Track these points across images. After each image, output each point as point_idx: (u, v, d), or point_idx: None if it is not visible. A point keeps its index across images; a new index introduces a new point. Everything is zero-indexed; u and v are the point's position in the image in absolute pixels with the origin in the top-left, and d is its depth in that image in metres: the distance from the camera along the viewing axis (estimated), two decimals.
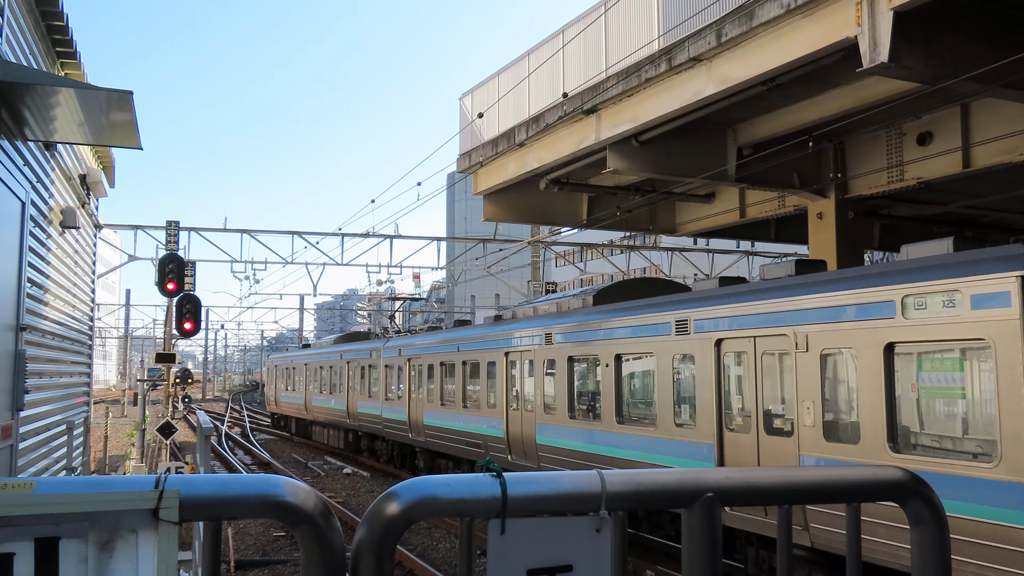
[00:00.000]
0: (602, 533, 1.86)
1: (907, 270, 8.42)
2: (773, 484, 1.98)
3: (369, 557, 1.72)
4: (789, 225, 21.32)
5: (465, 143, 19.99)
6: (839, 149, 16.39)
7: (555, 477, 1.87)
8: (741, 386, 10.73)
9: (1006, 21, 10.59)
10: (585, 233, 34.61)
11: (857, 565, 2.05)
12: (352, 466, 28.62)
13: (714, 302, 11.21)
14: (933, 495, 2.06)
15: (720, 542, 1.92)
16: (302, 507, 1.71)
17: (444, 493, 1.78)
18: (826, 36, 10.55)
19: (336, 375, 30.58)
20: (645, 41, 13.64)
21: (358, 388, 27.84)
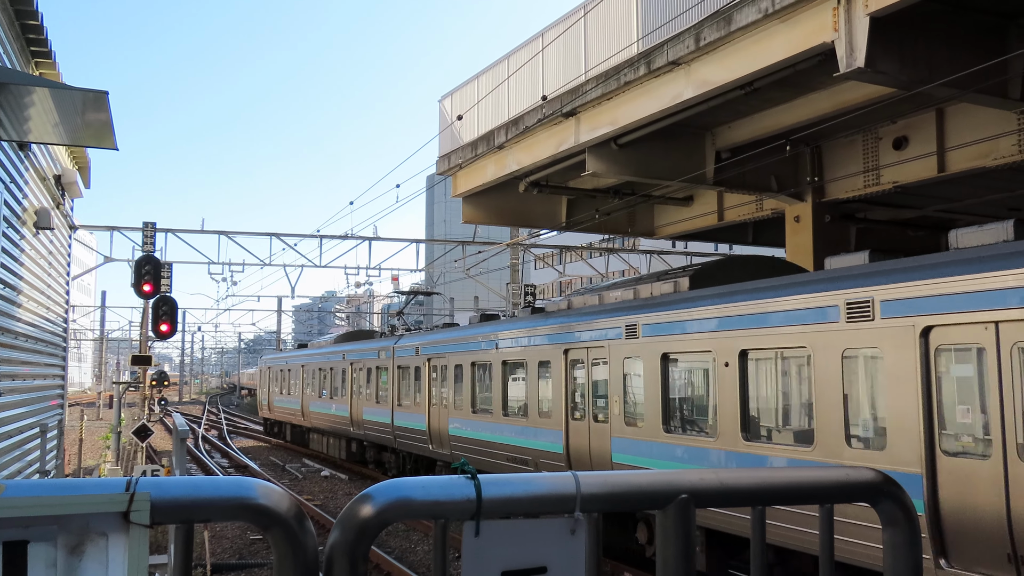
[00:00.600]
0: (577, 535, 1.86)
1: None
2: (747, 486, 1.99)
3: (343, 560, 1.71)
4: (767, 228, 21.45)
5: (444, 145, 19.97)
6: (816, 153, 16.51)
7: (530, 479, 1.87)
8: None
9: (980, 27, 10.71)
10: (564, 236, 34.66)
11: (830, 565, 2.06)
12: (330, 468, 28.50)
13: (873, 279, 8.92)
14: (905, 496, 2.08)
15: (694, 543, 1.92)
16: (275, 510, 1.69)
17: (419, 495, 1.78)
18: (803, 41, 10.62)
19: (338, 378, 27.94)
20: (624, 44, 13.68)
21: (363, 392, 25.28)
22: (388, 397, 22.77)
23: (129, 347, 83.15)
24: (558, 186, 18.52)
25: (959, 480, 7.70)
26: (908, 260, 8.84)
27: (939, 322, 7.92)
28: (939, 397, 8.06)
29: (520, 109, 16.65)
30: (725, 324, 10.59)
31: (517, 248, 33.72)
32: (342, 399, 27.18)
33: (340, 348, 28.41)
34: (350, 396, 26.31)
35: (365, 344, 26.06)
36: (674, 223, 21.38)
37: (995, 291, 7.48)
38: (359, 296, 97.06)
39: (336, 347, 29.22)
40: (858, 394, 8.94)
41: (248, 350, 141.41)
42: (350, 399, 26.31)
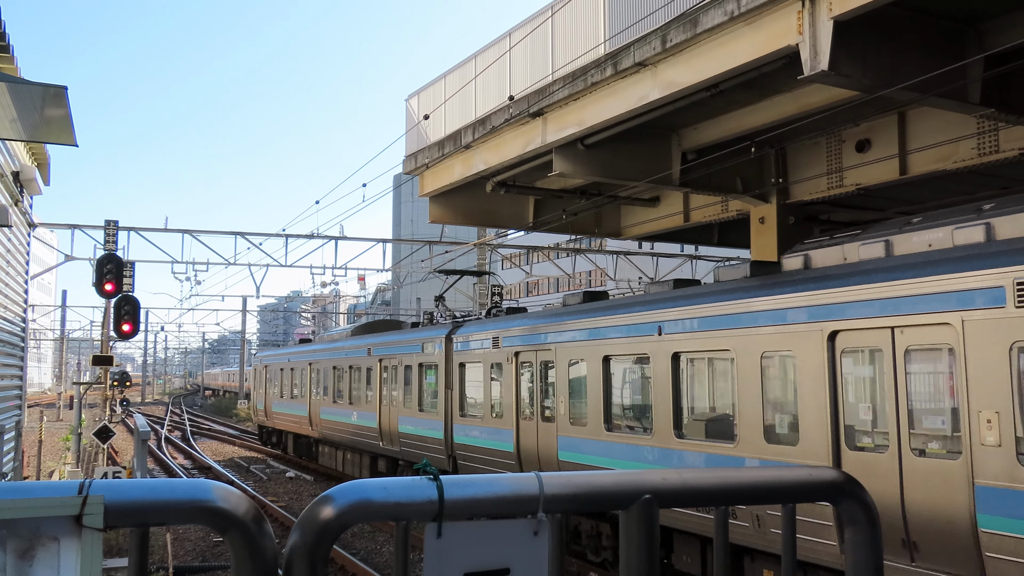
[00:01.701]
0: (540, 536, 1.85)
1: None
2: (710, 486, 1.99)
3: (302, 562, 1.69)
4: (732, 229, 21.61)
5: (411, 144, 19.90)
6: (781, 155, 16.66)
7: (492, 480, 1.86)
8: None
9: (940, 32, 10.86)
10: (531, 236, 34.71)
11: (792, 564, 2.07)
12: (295, 470, 28.29)
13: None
14: (866, 495, 2.09)
15: (657, 543, 1.92)
16: (232, 512, 1.66)
17: (380, 497, 1.76)
18: (768, 44, 10.70)
19: (360, 379, 22.61)
20: (591, 45, 13.71)
21: (399, 397, 19.80)
22: (440, 404, 17.38)
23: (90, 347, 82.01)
24: (525, 186, 18.52)
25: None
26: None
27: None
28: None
29: (487, 109, 16.63)
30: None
31: (484, 248, 33.71)
32: (367, 405, 21.70)
33: (364, 341, 22.81)
34: (378, 402, 20.90)
35: (400, 335, 20.44)
36: (640, 224, 21.46)
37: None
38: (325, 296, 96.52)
39: (357, 340, 23.48)
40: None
41: (212, 350, 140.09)
42: (378, 405, 20.89)
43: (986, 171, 14.34)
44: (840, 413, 8.83)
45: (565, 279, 61.47)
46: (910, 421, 8.12)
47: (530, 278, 63.13)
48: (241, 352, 79.16)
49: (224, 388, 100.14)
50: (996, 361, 7.38)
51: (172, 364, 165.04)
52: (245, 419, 58.81)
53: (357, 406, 22.51)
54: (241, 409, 63.46)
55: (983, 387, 7.55)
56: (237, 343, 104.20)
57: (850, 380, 8.82)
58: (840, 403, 8.83)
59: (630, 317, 12.03)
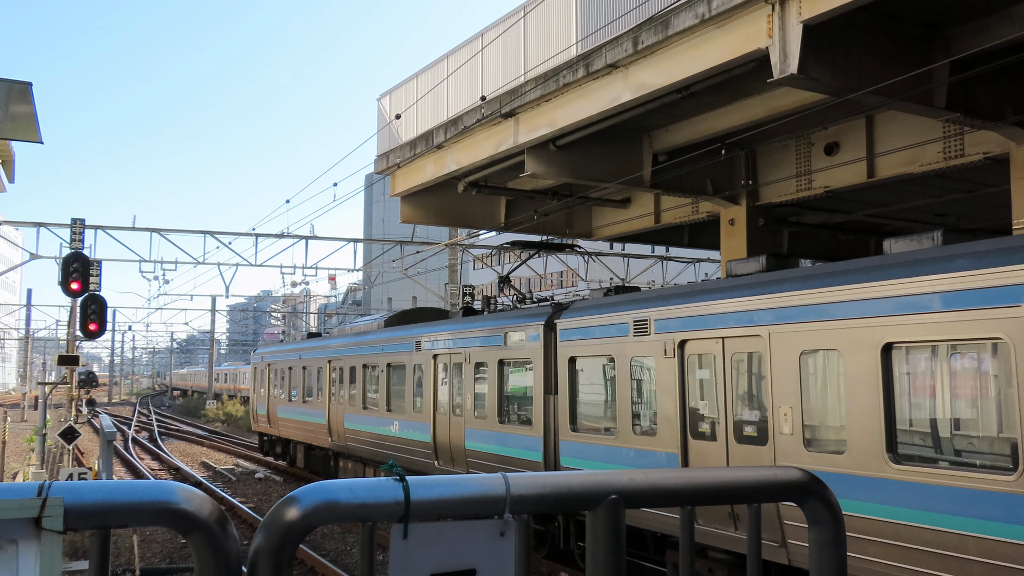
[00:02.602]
0: (506, 536, 1.85)
1: None
2: (676, 486, 1.99)
3: (266, 564, 1.67)
4: (702, 231, 21.74)
5: (383, 144, 19.83)
6: (750, 157, 16.78)
7: (459, 480, 1.85)
8: None
9: (908, 37, 10.99)
10: (503, 236, 34.70)
11: (757, 564, 2.08)
12: (264, 470, 28.09)
13: None
14: (830, 495, 2.11)
15: (623, 543, 1.92)
16: (196, 514, 1.65)
17: (345, 498, 1.75)
18: (739, 47, 10.78)
19: (405, 379, 18.07)
20: (563, 46, 13.73)
21: (469, 404, 15.47)
22: (537, 414, 13.47)
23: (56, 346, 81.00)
24: (497, 187, 18.52)
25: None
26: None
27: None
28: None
29: (459, 109, 16.61)
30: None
31: (456, 248, 33.66)
32: (415, 413, 17.38)
33: (408, 333, 18.15)
34: (432, 409, 16.70)
35: (466, 324, 15.85)
36: (611, 224, 21.54)
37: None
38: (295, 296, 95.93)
39: (397, 332, 18.88)
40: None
41: (181, 350, 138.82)
42: (432, 414, 16.70)
43: (951, 175, 14.54)
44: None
45: (537, 279, 61.52)
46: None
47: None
48: (210, 352, 78.49)
49: (192, 388, 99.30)
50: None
51: (140, 364, 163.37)
52: (213, 420, 58.33)
53: (399, 414, 17.99)
54: (209, 410, 62.92)
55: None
56: (206, 343, 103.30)
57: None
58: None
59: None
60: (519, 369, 14.27)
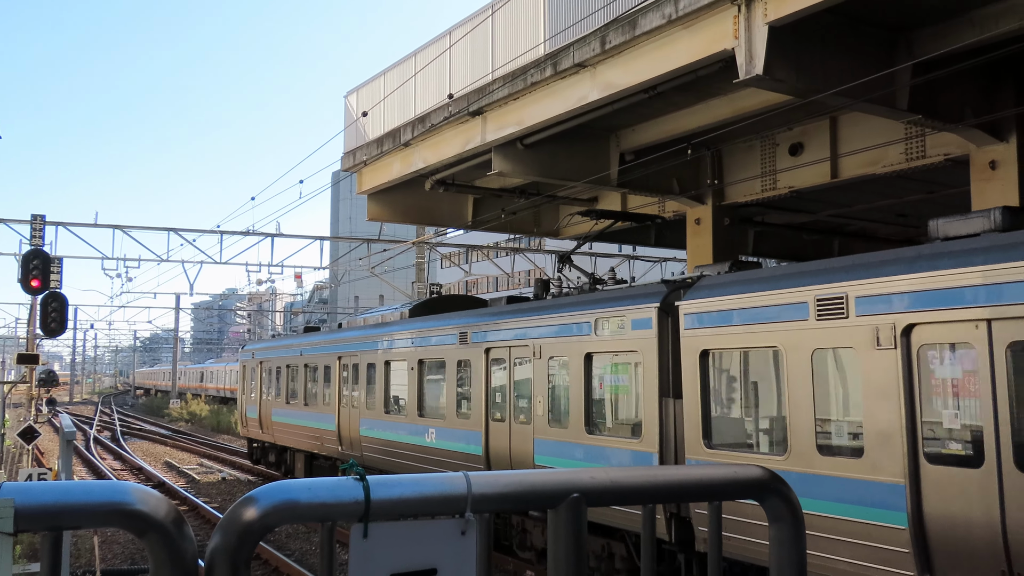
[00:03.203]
0: (467, 535, 1.84)
1: None
2: (638, 484, 2.00)
3: (224, 565, 1.65)
4: (669, 230, 21.86)
5: (350, 141, 19.73)
6: (716, 157, 16.90)
7: (420, 479, 1.84)
8: None
9: (872, 40, 11.12)
10: (470, 235, 34.73)
11: (718, 561, 2.09)
12: (229, 470, 27.85)
13: None
14: (790, 493, 2.12)
15: (585, 541, 1.92)
16: (151, 515, 1.62)
17: (305, 498, 1.73)
18: (705, 47, 10.85)
19: (444, 380, 15.07)
20: (531, 45, 13.74)
21: (542, 409, 12.59)
22: (650, 425, 10.56)
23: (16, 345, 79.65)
24: (464, 185, 18.49)
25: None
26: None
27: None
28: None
29: (427, 107, 16.56)
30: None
31: (423, 247, 33.58)
32: (460, 420, 14.43)
33: (453, 322, 14.98)
34: (483, 414, 13.74)
35: (533, 313, 12.93)
36: (579, 223, 21.59)
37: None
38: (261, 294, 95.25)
39: (436, 321, 15.58)
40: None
41: (144, 348, 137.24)
42: (484, 420, 13.73)
43: (913, 176, 14.74)
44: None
45: (504, 278, 61.57)
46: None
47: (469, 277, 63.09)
48: (174, 351, 77.69)
49: (156, 387, 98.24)
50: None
51: (102, 363, 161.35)
52: (177, 419, 57.72)
53: (437, 420, 15.08)
54: (173, 409, 62.27)
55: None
56: (170, 341, 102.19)
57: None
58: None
59: None
60: (617, 365, 11.37)
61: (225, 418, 49.77)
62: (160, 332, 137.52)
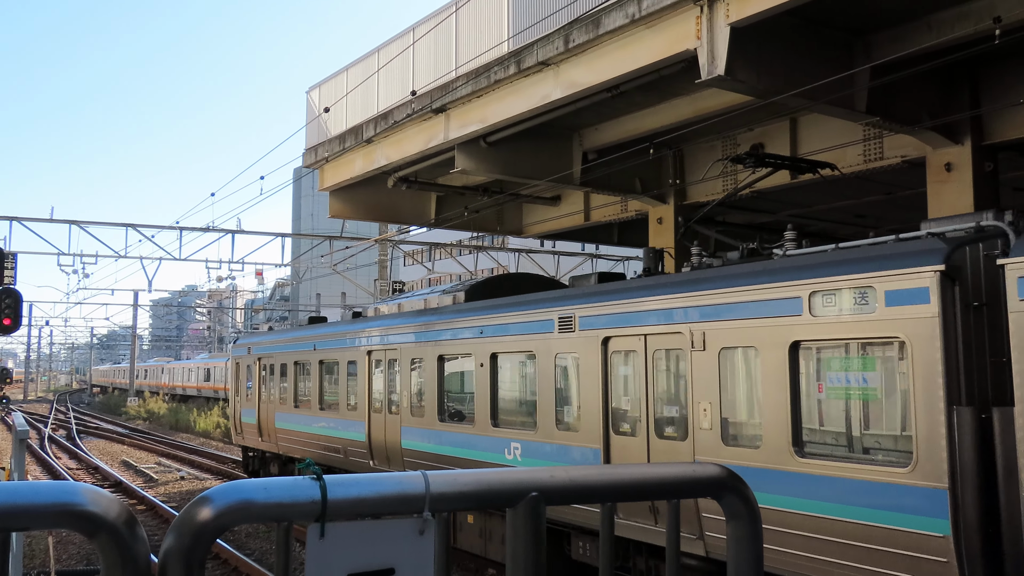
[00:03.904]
0: (426, 535, 1.83)
1: None
2: (596, 483, 2.00)
3: (177, 566, 1.62)
4: (631, 229, 21.96)
5: (312, 137, 19.58)
6: (678, 157, 17.01)
7: (378, 479, 1.83)
8: None
9: (830, 42, 11.26)
10: (433, 233, 34.63)
11: (676, 559, 2.10)
12: (188, 469, 27.53)
13: None
14: (748, 491, 2.14)
15: (544, 540, 1.92)
16: (102, 516, 1.59)
17: (261, 497, 1.71)
18: (668, 47, 10.91)
19: (529, 377, 12.02)
20: (495, 42, 13.73)
21: (708, 419, 9.29)
22: (931, 448, 7.19)
23: None
24: (427, 182, 18.44)
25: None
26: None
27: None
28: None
29: (390, 103, 16.48)
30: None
31: (385, 244, 33.43)
32: (567, 433, 11.18)
33: (549, 305, 11.63)
34: (602, 426, 10.63)
35: (691, 288, 9.67)
36: (542, 222, 21.62)
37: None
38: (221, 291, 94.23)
39: (523, 305, 12.20)
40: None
41: (101, 346, 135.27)
42: (603, 433, 10.66)
43: (871, 177, 14.95)
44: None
45: (467, 276, 61.48)
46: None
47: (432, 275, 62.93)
48: (132, 348, 76.60)
49: (113, 385, 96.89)
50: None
51: (58, 360, 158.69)
52: (135, 417, 56.94)
53: (527, 431, 11.78)
54: (131, 407, 61.42)
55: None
56: (128, 338, 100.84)
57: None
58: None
59: None
60: (854, 358, 8.07)
61: (184, 416, 49.21)
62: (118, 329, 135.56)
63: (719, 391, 9.06)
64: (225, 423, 42.71)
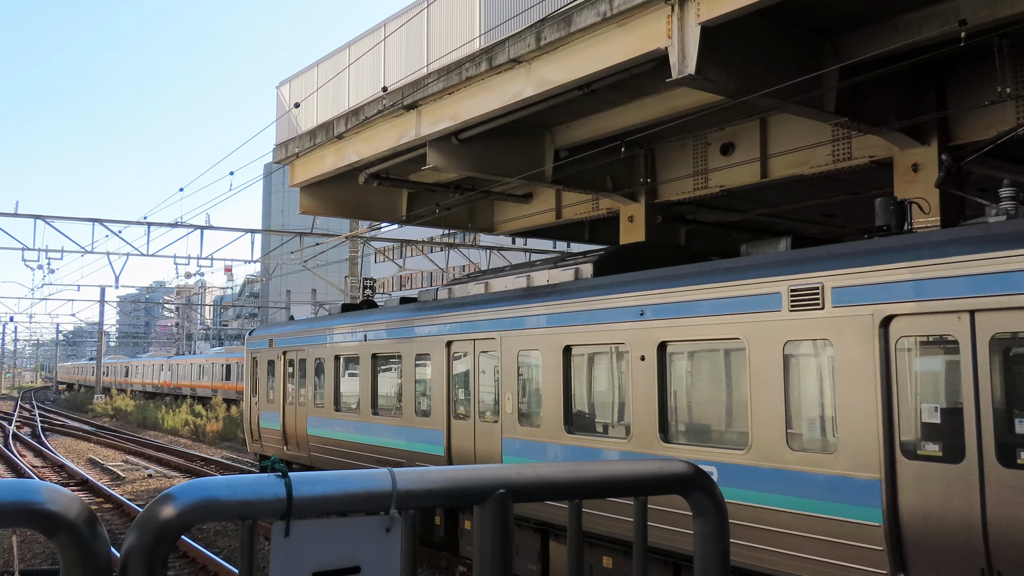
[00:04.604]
0: (392, 533, 1.82)
1: None
2: (563, 480, 2.00)
3: (139, 565, 1.60)
4: (602, 227, 22.02)
5: (282, 133, 19.43)
6: (649, 155, 17.07)
7: (344, 476, 1.81)
8: None
9: (800, 43, 11.35)
10: (405, 230, 34.52)
11: (643, 555, 2.11)
12: (155, 466, 27.25)
13: None
14: (715, 488, 2.15)
15: (512, 537, 1.92)
16: (62, 514, 1.56)
17: (225, 495, 1.69)
18: (639, 46, 10.94)
19: (751, 375, 8.37)
20: (467, 39, 13.70)
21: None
22: None
23: None
24: (399, 179, 18.36)
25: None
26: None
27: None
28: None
29: (361, 99, 16.40)
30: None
31: (357, 241, 33.27)
32: (834, 458, 7.62)
33: (758, 275, 8.53)
34: (880, 450, 7.24)
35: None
36: (513, 219, 21.62)
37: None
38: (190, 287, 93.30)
39: (706, 277, 9.17)
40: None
41: (67, 342, 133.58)
42: (886, 456, 7.20)
43: (840, 177, 15.09)
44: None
45: (439, 273, 61.37)
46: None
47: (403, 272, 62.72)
48: (99, 345, 75.70)
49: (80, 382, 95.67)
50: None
51: (23, 357, 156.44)
52: (102, 414, 56.29)
53: (762, 457, 8.32)
54: (97, 404, 60.69)
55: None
56: (94, 335, 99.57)
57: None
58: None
59: None
60: None
61: (152, 414, 48.71)
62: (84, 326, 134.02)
63: None
64: (195, 421, 42.32)
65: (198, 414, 46.08)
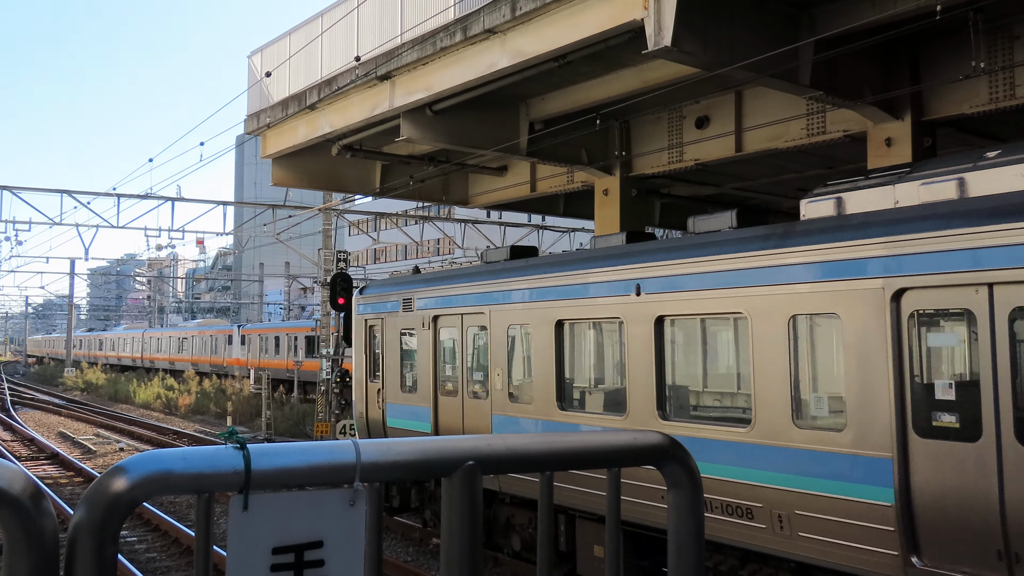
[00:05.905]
0: (356, 506, 1.76)
1: None
2: (535, 451, 1.94)
3: (88, 540, 1.53)
4: (577, 200, 21.93)
5: (254, 103, 19.14)
6: (624, 129, 16.98)
7: (306, 448, 1.74)
8: None
9: (776, 15, 11.27)
10: (379, 202, 34.29)
11: (616, 528, 2.06)
12: (127, 439, 27.05)
13: None
14: (690, 459, 2.10)
15: (480, 510, 1.86)
16: (5, 490, 1.48)
17: (179, 468, 1.61)
18: (615, 17, 10.82)
19: None
20: (441, 8, 13.51)
21: None
22: None
23: None
24: (372, 151, 18.15)
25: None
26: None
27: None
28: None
29: (334, 69, 16.16)
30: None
31: (330, 213, 33.01)
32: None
33: None
34: None
35: None
36: (488, 192, 21.48)
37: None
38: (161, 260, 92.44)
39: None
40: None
41: (37, 316, 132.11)
42: None
43: (814, 151, 15.10)
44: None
45: (413, 247, 61.09)
46: None
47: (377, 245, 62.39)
48: (69, 318, 74.88)
49: (49, 355, 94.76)
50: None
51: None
52: (72, 388, 55.78)
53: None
54: (68, 378, 60.11)
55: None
56: (64, 308, 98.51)
57: None
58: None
59: None
60: None
61: (123, 387, 48.31)
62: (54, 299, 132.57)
63: None
64: (167, 395, 41.92)
65: (170, 387, 45.66)
